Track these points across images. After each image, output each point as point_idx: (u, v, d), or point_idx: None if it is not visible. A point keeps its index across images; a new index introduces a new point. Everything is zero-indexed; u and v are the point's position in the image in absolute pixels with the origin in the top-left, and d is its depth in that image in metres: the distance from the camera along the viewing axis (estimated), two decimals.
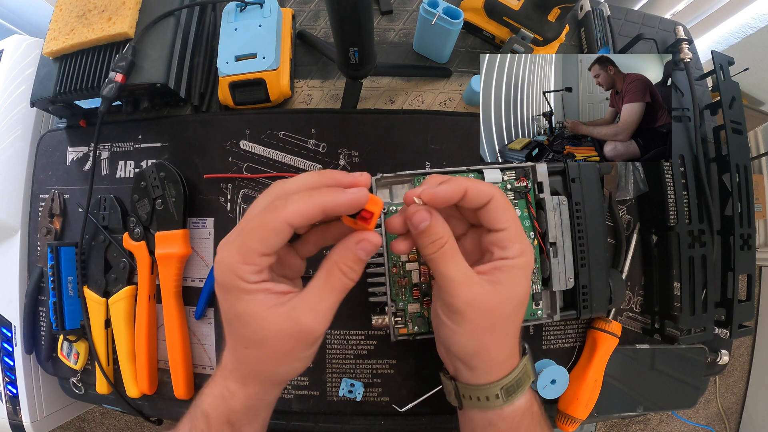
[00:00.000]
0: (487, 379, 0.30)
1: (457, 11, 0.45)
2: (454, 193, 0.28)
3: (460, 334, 0.29)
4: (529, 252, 0.29)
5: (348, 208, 0.25)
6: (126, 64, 0.45)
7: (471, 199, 0.28)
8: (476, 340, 0.29)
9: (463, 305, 0.28)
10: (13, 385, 0.53)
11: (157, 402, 0.49)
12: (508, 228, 0.28)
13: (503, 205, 0.29)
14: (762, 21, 0.91)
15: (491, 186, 0.29)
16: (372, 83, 0.52)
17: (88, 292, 0.48)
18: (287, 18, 0.51)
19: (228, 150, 0.49)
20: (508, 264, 0.28)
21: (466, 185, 0.28)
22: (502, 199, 0.29)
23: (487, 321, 0.28)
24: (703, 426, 1.26)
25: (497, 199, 0.28)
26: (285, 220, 0.24)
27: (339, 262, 0.26)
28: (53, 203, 0.52)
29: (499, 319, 0.29)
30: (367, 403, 0.46)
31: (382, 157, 0.48)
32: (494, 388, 0.30)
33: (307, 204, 0.25)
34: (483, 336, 0.29)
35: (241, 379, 0.28)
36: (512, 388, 0.30)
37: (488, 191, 0.28)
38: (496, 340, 0.30)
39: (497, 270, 0.28)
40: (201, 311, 0.47)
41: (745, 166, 0.47)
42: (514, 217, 0.29)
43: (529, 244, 0.29)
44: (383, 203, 0.27)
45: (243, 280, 0.25)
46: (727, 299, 0.46)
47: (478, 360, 0.30)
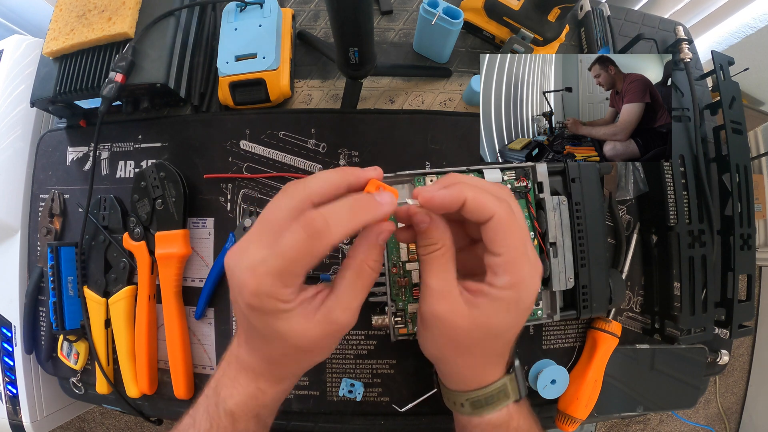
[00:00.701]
0: (453, 386, 0.31)
1: (457, 11, 0.45)
2: (451, 202, 0.26)
3: (424, 340, 0.29)
4: (525, 287, 0.26)
5: (384, 219, 0.26)
6: (126, 64, 0.45)
7: (469, 211, 0.26)
8: (437, 351, 0.29)
9: (429, 316, 0.27)
10: (13, 385, 0.53)
11: (157, 402, 0.49)
12: (503, 254, 0.25)
13: (505, 225, 0.25)
14: (762, 21, 0.91)
15: (498, 200, 0.25)
16: (372, 83, 0.52)
17: (88, 292, 0.48)
18: (287, 18, 0.51)
19: (228, 150, 0.49)
20: (492, 293, 0.26)
21: (465, 195, 0.25)
22: (507, 219, 0.25)
23: (449, 338, 0.27)
24: (703, 426, 1.26)
25: (498, 219, 0.25)
26: (331, 245, 0.24)
27: (367, 260, 0.26)
28: (53, 203, 0.52)
29: (464, 340, 0.27)
30: (367, 403, 0.46)
31: (382, 157, 0.48)
32: (460, 397, 0.30)
33: (351, 225, 0.24)
34: (444, 350, 0.29)
35: (276, 378, 0.29)
36: (480, 402, 0.29)
37: (490, 207, 0.25)
38: (460, 358, 0.29)
39: (481, 294, 0.26)
40: (201, 311, 0.47)
41: (745, 166, 0.47)
42: (516, 243, 0.25)
43: (529, 277, 0.26)
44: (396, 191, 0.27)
45: (283, 302, 0.24)
46: (727, 299, 0.46)
47: (442, 368, 0.31)
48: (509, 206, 0.26)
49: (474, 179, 0.28)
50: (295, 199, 0.25)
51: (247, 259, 0.24)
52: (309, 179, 0.26)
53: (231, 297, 0.26)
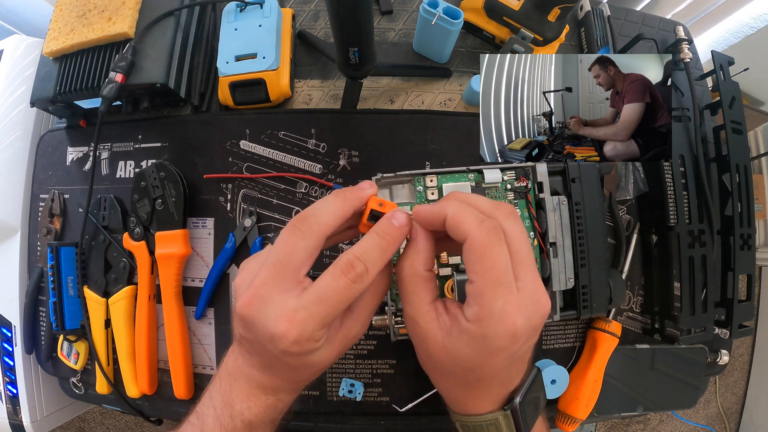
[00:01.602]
0: (450, 405, 0.30)
1: (457, 11, 0.45)
2: (432, 217, 0.25)
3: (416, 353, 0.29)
4: (493, 322, 0.22)
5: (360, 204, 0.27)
6: (126, 64, 0.45)
7: (449, 229, 0.24)
8: (424, 367, 0.29)
9: (410, 334, 0.27)
10: (13, 385, 0.53)
11: (157, 402, 0.49)
12: (474, 282, 0.23)
13: (478, 249, 0.23)
14: (762, 21, 0.91)
15: (481, 221, 0.23)
16: (372, 83, 0.52)
17: (88, 292, 0.48)
18: (287, 18, 0.51)
19: (228, 150, 0.49)
20: (461, 323, 0.23)
21: (445, 213, 0.24)
22: (482, 242, 0.22)
23: (426, 360, 0.27)
24: (703, 426, 1.26)
25: (472, 241, 0.23)
26: (363, 288, 0.24)
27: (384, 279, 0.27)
28: (53, 203, 0.52)
29: (439, 366, 0.26)
30: (367, 403, 0.46)
31: (382, 157, 0.48)
32: (453, 415, 0.30)
33: (383, 261, 0.25)
34: (428, 369, 0.28)
35: (293, 389, 0.29)
36: (468, 428, 0.28)
37: (465, 228, 0.23)
38: (441, 381, 0.28)
39: (455, 321, 0.24)
40: (201, 311, 0.47)
41: (745, 166, 0.47)
42: (492, 270, 0.22)
43: (499, 312, 0.22)
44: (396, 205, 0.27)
45: (317, 341, 0.24)
46: (727, 299, 0.46)
47: (433, 382, 0.30)
48: (493, 228, 0.23)
49: (469, 197, 0.26)
50: (311, 239, 0.24)
51: (278, 308, 0.23)
52: (318, 213, 0.25)
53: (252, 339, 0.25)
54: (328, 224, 0.24)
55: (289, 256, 0.24)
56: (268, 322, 0.23)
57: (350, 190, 0.26)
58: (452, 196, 0.26)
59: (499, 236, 0.23)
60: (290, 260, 0.24)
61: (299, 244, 0.24)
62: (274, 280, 0.24)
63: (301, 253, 0.24)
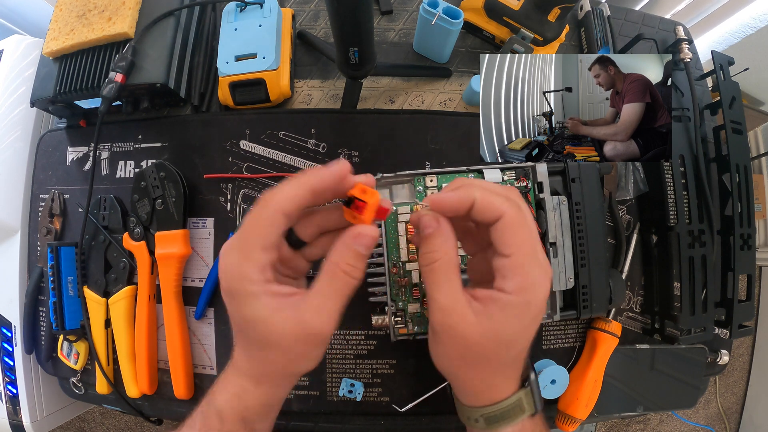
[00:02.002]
0: (467, 401, 0.30)
1: (457, 11, 0.45)
2: (459, 203, 0.25)
3: (436, 354, 0.28)
4: (535, 290, 0.25)
5: (332, 180, 0.26)
6: (126, 64, 0.45)
7: (478, 212, 0.25)
8: (449, 364, 0.28)
9: (439, 328, 0.26)
10: (13, 385, 0.53)
11: (157, 402, 0.49)
12: (512, 255, 0.24)
13: (514, 225, 0.24)
14: (762, 21, 0.91)
15: (507, 201, 0.25)
16: (372, 83, 0.52)
17: (88, 292, 0.48)
18: (287, 18, 0.51)
19: (228, 150, 0.49)
20: (502, 298, 0.25)
21: (474, 196, 0.25)
22: (516, 219, 0.25)
23: (460, 350, 0.26)
24: (703, 426, 1.26)
25: (508, 218, 0.24)
26: (277, 210, 0.25)
27: (340, 263, 0.26)
28: (53, 203, 0.52)
29: (476, 352, 0.26)
30: (367, 403, 0.46)
31: (382, 157, 0.48)
32: (474, 413, 0.29)
33: (293, 187, 0.25)
34: (456, 363, 0.28)
35: (255, 378, 0.28)
36: (495, 418, 0.28)
37: (498, 207, 0.25)
38: (471, 372, 0.28)
39: (490, 301, 0.25)
40: (201, 311, 0.47)
41: (745, 166, 0.47)
42: (526, 245, 0.25)
43: (539, 280, 0.25)
44: (380, 196, 0.26)
45: (247, 280, 0.25)
46: (727, 299, 0.46)
47: (455, 383, 0.30)
48: (519, 206, 0.25)
49: (482, 182, 0.27)
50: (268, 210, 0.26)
51: (222, 250, 0.26)
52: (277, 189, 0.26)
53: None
54: (284, 197, 0.25)
55: (246, 232, 0.26)
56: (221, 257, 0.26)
57: (318, 170, 0.26)
58: (463, 182, 0.27)
59: (526, 213, 0.25)
60: (247, 236, 0.25)
61: (259, 214, 0.25)
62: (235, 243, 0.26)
63: (260, 222, 0.25)
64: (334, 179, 0.26)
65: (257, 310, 0.25)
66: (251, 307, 0.25)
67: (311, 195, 0.25)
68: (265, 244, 0.25)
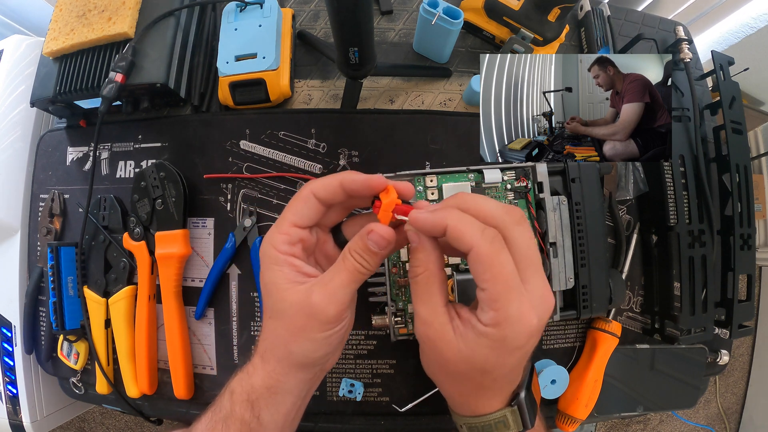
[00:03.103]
0: (452, 407, 0.31)
1: (457, 11, 0.45)
2: (432, 227, 0.25)
3: (422, 360, 0.30)
4: (512, 325, 0.23)
5: (362, 186, 0.28)
6: (126, 64, 0.45)
7: (451, 240, 0.24)
8: (432, 371, 0.29)
9: (420, 339, 0.27)
10: (13, 385, 0.53)
11: (157, 402, 0.49)
12: (486, 290, 0.24)
13: (485, 260, 0.23)
14: (762, 21, 0.91)
15: (481, 231, 0.24)
16: (372, 83, 0.52)
17: (88, 292, 0.48)
18: (287, 18, 0.51)
19: (228, 150, 0.49)
20: (478, 328, 0.24)
21: (446, 223, 0.24)
22: (486, 253, 0.23)
23: (438, 364, 0.27)
24: (703, 426, 1.26)
25: (476, 253, 0.23)
26: (310, 189, 0.29)
27: (351, 248, 0.27)
28: (53, 203, 0.52)
29: (452, 369, 0.26)
30: (367, 403, 0.46)
31: (382, 157, 0.48)
32: (459, 419, 0.30)
33: (327, 177, 0.29)
34: (437, 373, 0.29)
35: (261, 353, 0.30)
36: (476, 429, 0.28)
37: (468, 240, 0.23)
38: (452, 386, 0.29)
39: (469, 325, 0.25)
40: (201, 311, 0.47)
41: (745, 166, 0.47)
42: (502, 277, 0.23)
43: (519, 314, 0.23)
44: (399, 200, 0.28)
45: (274, 247, 0.28)
46: (727, 299, 0.46)
47: (440, 388, 0.31)
48: (495, 237, 0.24)
49: (484, 201, 0.26)
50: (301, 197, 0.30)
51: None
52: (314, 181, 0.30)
53: None
54: (317, 183, 0.29)
55: (284, 211, 0.30)
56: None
57: (354, 173, 0.29)
58: (454, 202, 0.26)
59: (502, 244, 0.24)
60: (284, 214, 0.29)
61: (296, 196, 0.29)
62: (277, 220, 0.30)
63: (295, 202, 0.29)
64: (362, 182, 0.28)
65: (276, 276, 0.28)
66: (272, 271, 0.28)
67: (340, 187, 0.28)
68: (294, 219, 0.29)
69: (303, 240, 0.29)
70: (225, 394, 0.30)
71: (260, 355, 0.30)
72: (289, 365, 0.29)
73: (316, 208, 0.29)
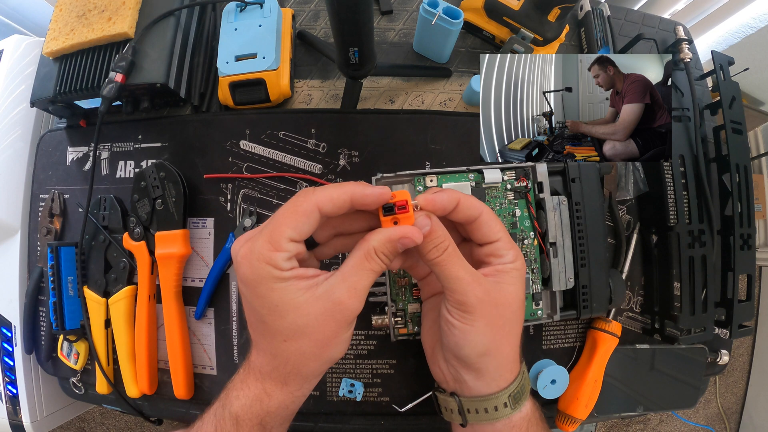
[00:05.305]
0: (496, 385, 0.30)
1: (457, 11, 0.45)
2: (448, 202, 0.29)
3: (474, 333, 0.29)
4: (522, 257, 0.31)
5: (374, 199, 0.27)
6: (126, 64, 0.45)
7: (462, 211, 0.29)
8: (490, 336, 0.29)
9: (476, 301, 0.28)
10: (13, 385, 0.53)
11: (157, 402, 0.49)
12: (501, 238, 0.30)
13: (494, 218, 0.30)
14: (762, 21, 0.91)
15: (480, 201, 0.30)
16: (372, 83, 0.52)
17: (88, 292, 0.48)
18: (287, 18, 0.51)
19: (228, 150, 0.49)
20: (508, 267, 0.30)
21: (458, 197, 0.29)
22: (493, 214, 0.30)
23: (498, 317, 0.29)
24: (703, 426, 1.26)
25: (488, 214, 0.30)
26: (315, 203, 0.26)
27: (378, 249, 0.27)
28: (53, 203, 0.52)
29: (509, 315, 0.30)
30: (367, 403, 0.46)
31: (382, 157, 0.48)
32: (502, 397, 0.30)
33: (336, 189, 0.27)
34: (496, 332, 0.30)
35: (281, 378, 0.28)
36: (518, 394, 0.31)
37: (478, 206, 0.30)
38: (508, 338, 0.30)
39: (499, 273, 0.30)
40: (201, 311, 0.47)
41: (745, 166, 0.47)
42: (504, 228, 0.31)
43: (519, 251, 0.31)
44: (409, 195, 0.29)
45: (276, 267, 0.25)
46: (727, 299, 0.46)
47: (489, 361, 0.30)
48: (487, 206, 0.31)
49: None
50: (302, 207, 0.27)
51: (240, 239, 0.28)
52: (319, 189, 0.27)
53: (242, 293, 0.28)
54: (324, 196, 0.26)
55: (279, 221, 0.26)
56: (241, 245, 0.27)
57: (361, 184, 0.28)
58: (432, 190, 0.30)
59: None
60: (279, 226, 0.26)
61: (296, 207, 0.26)
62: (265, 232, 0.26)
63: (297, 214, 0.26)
64: (375, 198, 0.27)
65: (287, 294, 0.26)
66: (280, 291, 0.26)
67: (349, 202, 0.27)
68: (296, 236, 0.26)
69: (299, 253, 0.27)
70: (226, 419, 0.28)
71: (278, 382, 0.28)
72: (316, 377, 0.30)
73: (317, 222, 0.27)
